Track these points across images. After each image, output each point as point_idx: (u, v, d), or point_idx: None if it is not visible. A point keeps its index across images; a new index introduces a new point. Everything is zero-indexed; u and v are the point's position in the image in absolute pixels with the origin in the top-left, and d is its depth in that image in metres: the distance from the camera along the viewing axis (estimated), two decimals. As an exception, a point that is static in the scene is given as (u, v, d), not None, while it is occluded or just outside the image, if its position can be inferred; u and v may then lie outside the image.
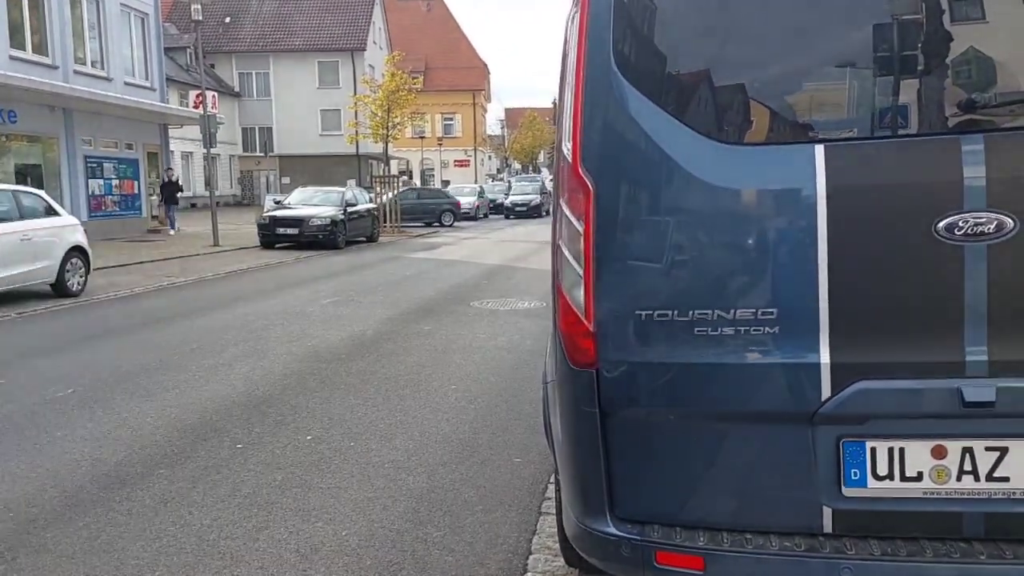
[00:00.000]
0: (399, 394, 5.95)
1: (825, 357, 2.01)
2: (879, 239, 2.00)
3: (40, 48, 20.02)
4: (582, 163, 2.18)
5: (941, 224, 1.94)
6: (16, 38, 19.13)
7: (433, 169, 63.99)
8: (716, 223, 2.11)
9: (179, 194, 25.11)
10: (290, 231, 19.97)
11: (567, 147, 2.25)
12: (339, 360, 7.16)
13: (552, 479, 4.11)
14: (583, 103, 2.19)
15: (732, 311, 2.07)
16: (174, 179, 24.62)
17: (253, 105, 47.92)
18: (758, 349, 2.06)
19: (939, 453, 2.03)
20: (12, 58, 18.65)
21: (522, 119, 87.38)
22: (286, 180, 45.09)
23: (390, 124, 33.65)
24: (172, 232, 23.38)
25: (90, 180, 21.86)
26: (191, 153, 39.96)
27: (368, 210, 23.54)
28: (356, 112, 38.35)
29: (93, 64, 22.18)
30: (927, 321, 2.00)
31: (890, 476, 2.05)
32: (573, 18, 2.27)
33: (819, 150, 2.02)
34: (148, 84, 24.91)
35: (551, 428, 2.64)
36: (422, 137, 53.20)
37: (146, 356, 7.35)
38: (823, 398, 2.03)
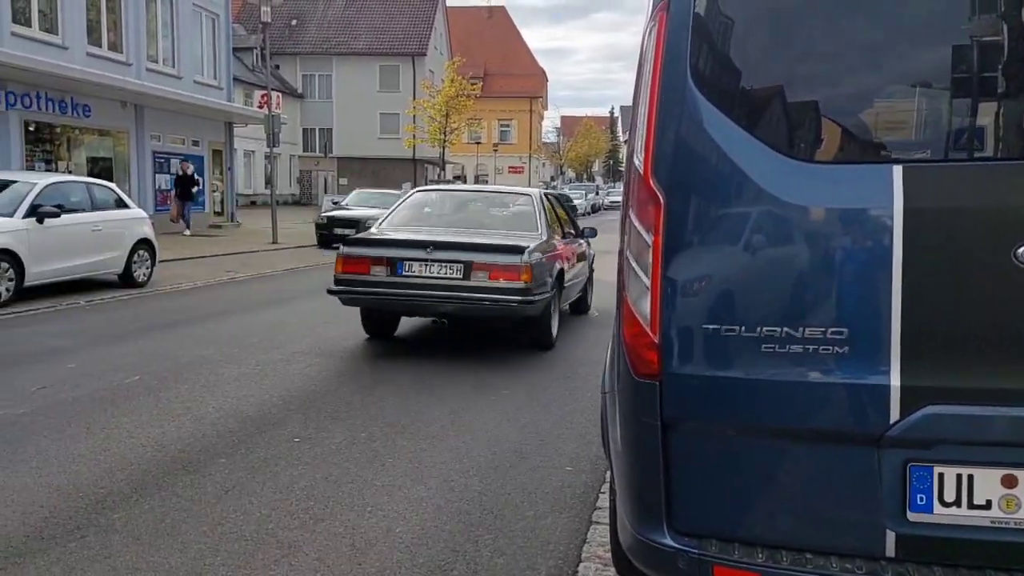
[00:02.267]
0: (451, 395, 6.02)
1: (895, 379, 2.00)
2: (955, 263, 1.98)
3: (115, 46, 20.69)
4: (653, 175, 2.19)
5: (1020, 250, 1.91)
6: (93, 35, 19.80)
7: (488, 175, 64.31)
8: (788, 240, 2.10)
9: (195, 189, 22.30)
10: (347, 231, 20.20)
11: (639, 159, 2.26)
12: (393, 359, 7.26)
13: (603, 488, 4.12)
14: (657, 115, 2.21)
15: (801, 329, 2.07)
16: (189, 173, 21.69)
17: (315, 106, 48.81)
18: (826, 368, 2.05)
19: (1009, 482, 1.99)
20: (89, 55, 19.31)
21: (578, 127, 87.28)
22: (343, 181, 45.84)
23: (448, 129, 33.98)
24: (187, 233, 20.99)
25: (157, 175, 22.49)
26: (253, 152, 40.83)
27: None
28: (415, 116, 38.81)
29: (164, 62, 22.84)
30: (1001, 347, 1.97)
31: (957, 503, 2.02)
32: (650, 32, 2.29)
33: (897, 171, 2.01)
34: (216, 83, 25.55)
35: (609, 437, 2.66)
36: (478, 143, 53.55)
37: (207, 348, 7.54)
38: (891, 421, 2.01)
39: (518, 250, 7.06)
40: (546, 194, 9.30)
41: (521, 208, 8.64)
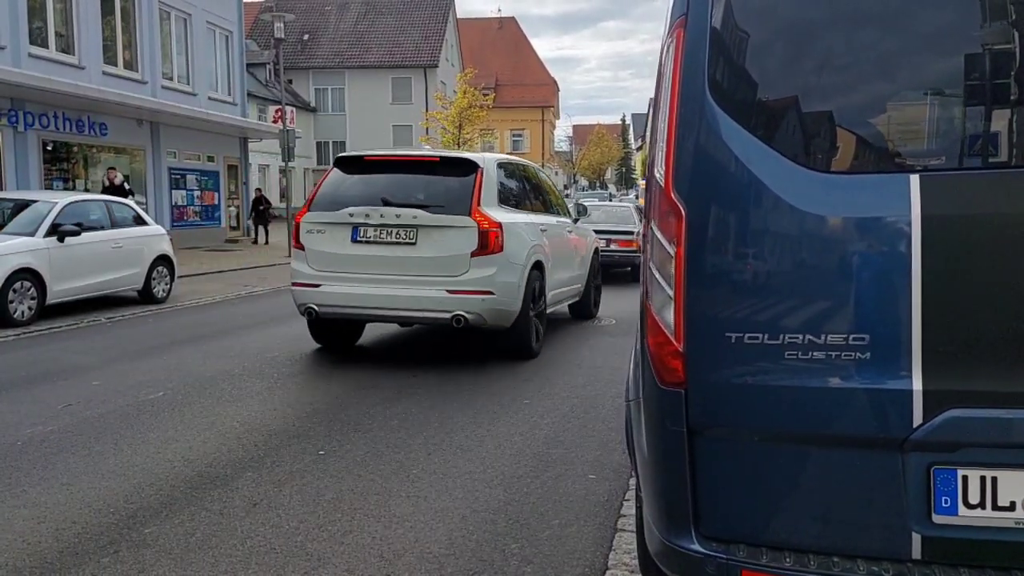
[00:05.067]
0: (472, 406, 6.06)
1: (917, 384, 2.03)
2: (973, 268, 2.01)
3: (131, 64, 20.95)
4: (674, 187, 2.24)
5: (1038, 255, 1.94)
6: (108, 55, 20.06)
7: (501, 184, 64.35)
8: (808, 249, 2.14)
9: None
10: (362, 243, 20.38)
11: (659, 171, 2.31)
12: (413, 370, 7.31)
13: (627, 495, 4.16)
14: (677, 128, 2.25)
15: (823, 336, 2.10)
16: (117, 183, 17.53)
17: (328, 120, 49.10)
18: (849, 374, 2.09)
19: (1034, 484, 2.02)
20: (105, 74, 19.56)
21: (590, 135, 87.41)
22: (357, 193, 45.97)
23: (461, 140, 34.15)
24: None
25: (173, 191, 22.73)
26: (267, 166, 41.09)
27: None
28: (427, 128, 39.04)
29: (179, 79, 23.09)
30: (1021, 351, 2.00)
31: (981, 505, 2.04)
32: (668, 46, 2.33)
33: (914, 179, 2.04)
34: (230, 99, 25.80)
35: (634, 445, 2.69)
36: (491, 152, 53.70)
37: (229, 362, 7.63)
38: (915, 425, 2.04)
39: (631, 232, 15.15)
40: (635, 207, 18.11)
41: (624, 212, 17.19)
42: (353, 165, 8.10)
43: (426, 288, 7.21)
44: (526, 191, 8.89)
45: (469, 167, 7.59)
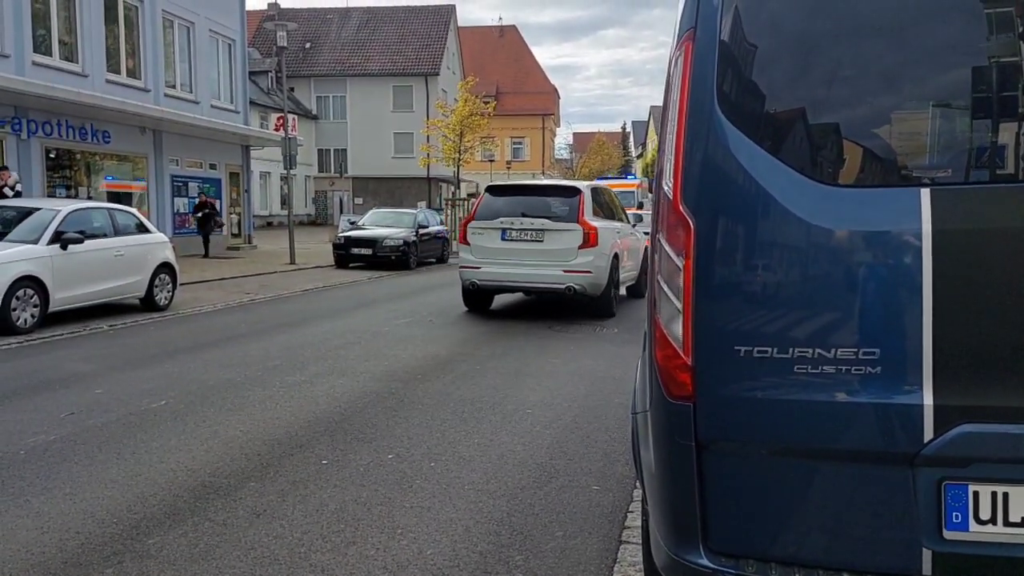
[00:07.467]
0: (475, 416, 6.05)
1: (928, 399, 2.02)
2: (985, 283, 2.00)
3: (134, 72, 20.99)
4: (683, 199, 2.23)
5: (1051, 270, 1.93)
6: (112, 62, 20.10)
7: (502, 192, 64.36)
8: (818, 263, 2.13)
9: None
10: (364, 251, 20.42)
11: (668, 184, 2.30)
12: (416, 380, 7.30)
13: (631, 507, 4.14)
14: (685, 141, 2.25)
15: (833, 350, 2.09)
16: (11, 183, 14.78)
17: (329, 127, 49.23)
18: (859, 389, 2.08)
19: (1045, 500, 2.01)
20: (108, 81, 19.60)
21: (590, 143, 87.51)
22: (359, 201, 46.24)
23: (462, 148, 34.21)
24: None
25: (176, 198, 22.75)
26: (269, 173, 41.21)
27: (439, 232, 23.91)
28: (428, 136, 39.12)
29: (182, 87, 23.14)
30: None
31: (993, 521, 2.03)
32: (677, 59, 2.34)
33: (925, 193, 2.04)
34: (232, 107, 25.84)
35: (641, 458, 2.68)
36: (491, 160, 53.79)
37: (231, 371, 7.62)
38: (925, 440, 2.03)
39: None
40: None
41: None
42: (500, 191, 12.07)
43: (549, 269, 10.96)
44: (605, 206, 12.50)
45: (575, 191, 11.53)
